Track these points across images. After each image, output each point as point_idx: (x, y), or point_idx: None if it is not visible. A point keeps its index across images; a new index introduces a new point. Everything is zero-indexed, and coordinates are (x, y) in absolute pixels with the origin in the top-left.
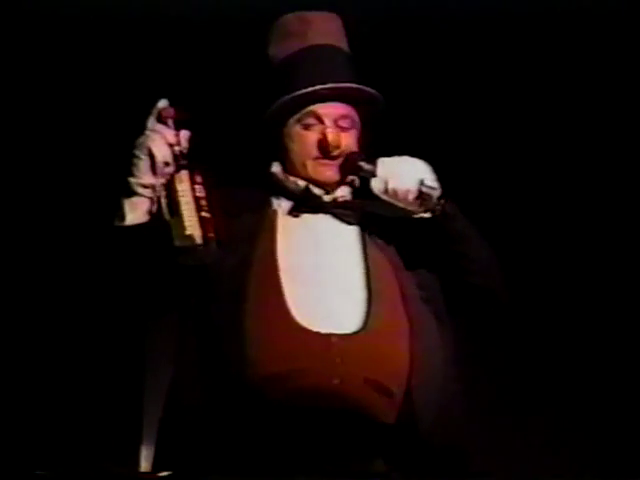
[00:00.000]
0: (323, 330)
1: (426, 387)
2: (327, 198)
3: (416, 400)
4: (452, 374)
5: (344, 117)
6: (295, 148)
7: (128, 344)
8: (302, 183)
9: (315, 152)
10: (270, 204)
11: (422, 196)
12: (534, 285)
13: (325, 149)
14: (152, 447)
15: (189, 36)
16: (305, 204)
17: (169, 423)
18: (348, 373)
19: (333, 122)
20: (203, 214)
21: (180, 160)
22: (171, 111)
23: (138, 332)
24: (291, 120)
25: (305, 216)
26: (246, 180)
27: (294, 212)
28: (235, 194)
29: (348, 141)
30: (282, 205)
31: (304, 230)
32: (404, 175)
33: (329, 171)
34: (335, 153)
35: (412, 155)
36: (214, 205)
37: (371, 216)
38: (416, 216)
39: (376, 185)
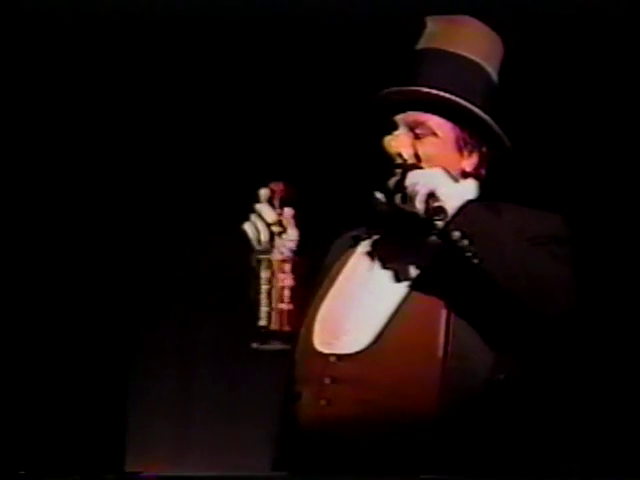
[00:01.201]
0: (327, 350)
1: (464, 405)
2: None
3: (449, 418)
4: (509, 398)
5: (420, 124)
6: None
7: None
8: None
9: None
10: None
11: (431, 210)
12: None
13: (387, 158)
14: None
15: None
16: (376, 224)
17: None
18: (337, 394)
19: (408, 129)
20: (283, 306)
21: (276, 241)
22: (280, 186)
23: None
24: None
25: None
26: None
27: (368, 233)
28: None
29: (422, 149)
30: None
31: (369, 253)
32: (416, 188)
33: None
34: (398, 161)
35: None
36: (301, 295)
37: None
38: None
39: (396, 198)
